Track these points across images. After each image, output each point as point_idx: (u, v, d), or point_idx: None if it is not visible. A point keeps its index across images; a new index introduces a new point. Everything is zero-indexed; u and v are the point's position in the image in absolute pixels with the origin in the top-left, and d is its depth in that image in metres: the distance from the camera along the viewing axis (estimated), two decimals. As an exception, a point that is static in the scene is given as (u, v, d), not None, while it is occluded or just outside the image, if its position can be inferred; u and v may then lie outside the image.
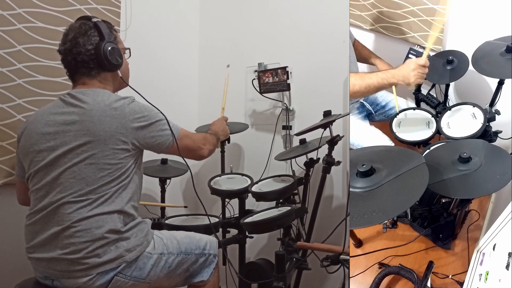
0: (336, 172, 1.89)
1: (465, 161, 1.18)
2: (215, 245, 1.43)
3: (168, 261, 1.28)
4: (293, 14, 2.12)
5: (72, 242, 1.13)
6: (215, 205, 2.11)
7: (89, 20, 1.28)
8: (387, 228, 1.44)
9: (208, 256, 1.39)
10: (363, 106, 1.88)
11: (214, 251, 1.41)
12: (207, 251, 1.39)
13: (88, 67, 1.26)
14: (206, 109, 2.47)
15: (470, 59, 1.60)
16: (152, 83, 2.09)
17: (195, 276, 1.37)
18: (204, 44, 2.54)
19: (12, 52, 1.64)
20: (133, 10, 2.11)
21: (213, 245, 1.42)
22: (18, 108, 1.65)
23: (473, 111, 1.55)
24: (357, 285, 1.35)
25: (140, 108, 1.24)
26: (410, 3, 1.87)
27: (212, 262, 1.40)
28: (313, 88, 2.04)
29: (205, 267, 1.39)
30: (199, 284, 1.38)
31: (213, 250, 1.41)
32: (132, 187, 1.24)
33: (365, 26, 2.07)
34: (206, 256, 1.38)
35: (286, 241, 1.59)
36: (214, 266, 1.41)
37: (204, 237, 1.42)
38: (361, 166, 1.08)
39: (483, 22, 1.69)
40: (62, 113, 1.21)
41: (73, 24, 1.29)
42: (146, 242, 1.24)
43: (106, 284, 1.16)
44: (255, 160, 2.23)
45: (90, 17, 1.29)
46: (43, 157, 1.19)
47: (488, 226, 1.31)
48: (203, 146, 1.44)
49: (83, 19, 1.30)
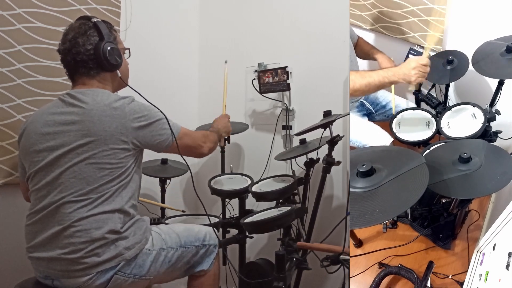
0: (336, 172, 1.89)
1: (465, 161, 1.18)
2: (215, 235, 1.44)
3: (167, 256, 1.29)
4: (293, 14, 2.12)
5: (71, 242, 1.13)
6: (215, 205, 2.10)
7: (89, 20, 1.28)
8: (387, 228, 1.44)
9: (209, 247, 1.40)
10: (363, 105, 1.88)
11: (214, 241, 1.43)
12: (207, 242, 1.40)
13: (87, 67, 1.26)
14: (206, 109, 2.47)
15: (471, 60, 1.60)
16: (152, 83, 2.09)
17: (196, 266, 1.39)
18: (204, 44, 2.54)
19: (12, 52, 1.64)
20: (133, 10, 2.11)
21: (213, 236, 1.43)
22: (18, 108, 1.65)
23: (473, 111, 1.55)
24: (357, 285, 1.35)
25: (140, 107, 1.24)
26: (410, 3, 1.86)
27: (213, 252, 1.42)
28: (313, 88, 2.04)
29: (206, 257, 1.40)
30: (200, 273, 1.40)
31: (213, 240, 1.42)
32: (132, 186, 1.24)
33: (365, 26, 2.07)
34: (206, 247, 1.40)
35: (286, 241, 1.59)
36: (214, 256, 1.42)
37: (203, 228, 1.43)
38: (361, 166, 1.08)
39: (483, 22, 1.69)
40: (62, 113, 1.21)
41: (73, 24, 1.29)
42: (145, 239, 1.25)
43: (106, 282, 1.16)
44: (255, 160, 2.23)
45: (90, 17, 1.29)
46: (43, 157, 1.19)
47: (488, 226, 1.30)
48: (203, 144, 1.44)
49: (83, 19, 1.30)
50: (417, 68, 1.45)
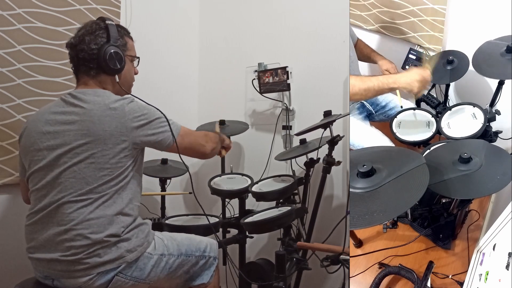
0: (336, 172, 1.89)
1: (466, 161, 1.18)
2: (215, 248, 1.42)
3: (168, 262, 1.28)
4: (293, 14, 2.12)
5: (72, 245, 1.13)
6: (215, 205, 2.11)
7: (103, 21, 1.28)
8: (387, 228, 1.44)
9: (208, 258, 1.39)
10: (363, 106, 1.88)
11: (214, 253, 1.41)
12: (207, 253, 1.39)
13: (87, 66, 1.26)
14: (206, 109, 2.47)
15: (471, 60, 1.60)
16: (152, 83, 2.08)
17: (195, 278, 1.37)
18: (204, 44, 2.54)
19: (12, 52, 1.64)
20: (133, 10, 2.10)
21: (213, 248, 1.41)
22: (18, 108, 1.65)
23: (473, 111, 1.55)
24: (357, 285, 1.35)
25: (139, 107, 1.24)
26: (410, 3, 1.86)
27: (212, 264, 1.40)
28: (313, 88, 2.04)
29: (205, 270, 1.39)
30: (200, 287, 1.38)
31: (213, 252, 1.40)
32: (132, 187, 1.24)
33: (365, 26, 2.07)
34: (206, 259, 1.38)
35: (286, 241, 1.60)
36: (214, 269, 1.41)
37: (204, 240, 1.42)
38: (362, 166, 1.08)
39: (483, 22, 1.69)
40: (63, 112, 1.21)
41: (88, 22, 1.30)
42: (147, 242, 1.24)
43: (107, 284, 1.16)
44: (255, 160, 2.23)
45: (105, 19, 1.29)
46: (43, 156, 1.19)
47: (488, 226, 1.30)
48: (204, 143, 1.43)
49: (99, 19, 1.30)
50: (422, 82, 1.45)
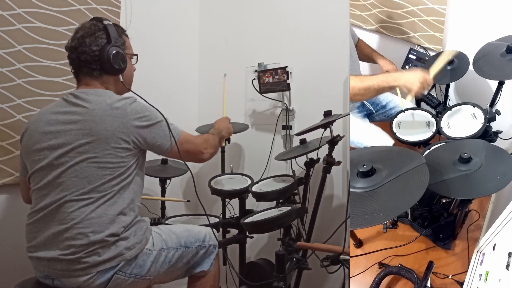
0: (336, 172, 1.89)
1: (466, 161, 1.18)
2: (214, 236, 1.45)
3: (168, 256, 1.29)
4: (293, 14, 2.12)
5: (72, 244, 1.13)
6: (215, 205, 2.10)
7: (100, 22, 1.29)
8: (387, 228, 1.45)
9: (208, 247, 1.41)
10: (363, 105, 1.88)
11: (214, 241, 1.44)
12: (207, 242, 1.41)
13: (90, 68, 1.26)
14: (206, 109, 2.46)
15: (472, 62, 1.60)
16: (152, 83, 2.08)
17: (196, 267, 1.40)
18: (204, 44, 2.54)
19: (12, 52, 1.64)
20: (133, 10, 2.10)
21: (212, 236, 1.44)
22: (18, 108, 1.65)
23: (474, 111, 1.55)
24: (357, 285, 1.35)
25: (141, 108, 1.25)
26: (410, 3, 1.87)
27: (212, 252, 1.43)
28: (313, 88, 2.04)
29: (206, 258, 1.41)
30: (200, 274, 1.40)
31: (212, 241, 1.43)
32: (133, 187, 1.25)
33: (365, 26, 2.07)
34: (206, 248, 1.41)
35: (286, 241, 1.60)
36: (214, 257, 1.43)
37: (203, 229, 1.44)
38: (362, 166, 1.08)
39: (483, 22, 1.69)
40: (64, 112, 1.22)
41: (85, 23, 1.30)
42: (145, 239, 1.25)
43: (106, 282, 1.16)
44: (255, 160, 2.23)
45: (102, 19, 1.30)
46: (45, 156, 1.19)
47: (488, 226, 1.30)
48: (204, 150, 1.44)
49: (96, 20, 1.30)
50: (423, 83, 1.44)
